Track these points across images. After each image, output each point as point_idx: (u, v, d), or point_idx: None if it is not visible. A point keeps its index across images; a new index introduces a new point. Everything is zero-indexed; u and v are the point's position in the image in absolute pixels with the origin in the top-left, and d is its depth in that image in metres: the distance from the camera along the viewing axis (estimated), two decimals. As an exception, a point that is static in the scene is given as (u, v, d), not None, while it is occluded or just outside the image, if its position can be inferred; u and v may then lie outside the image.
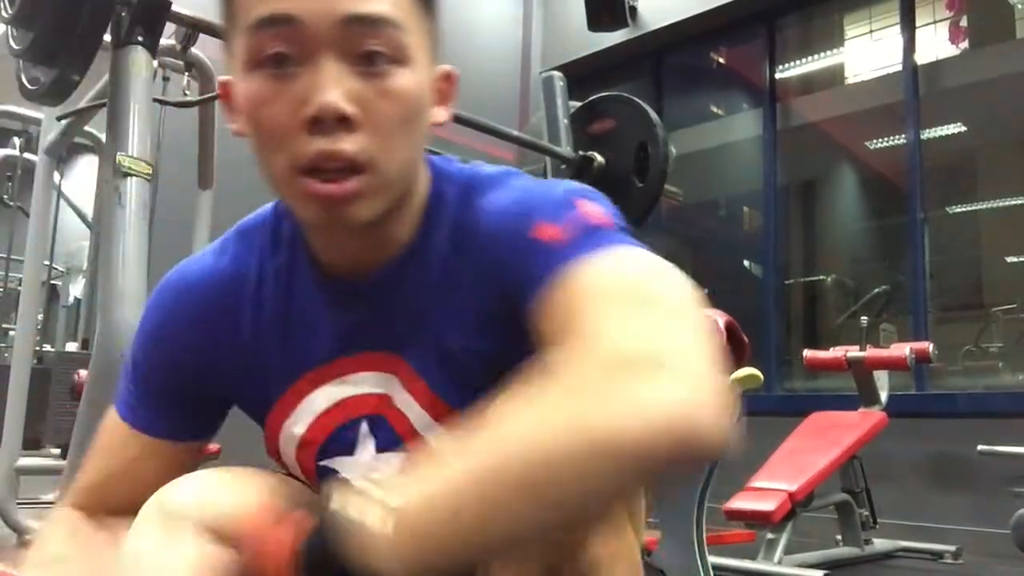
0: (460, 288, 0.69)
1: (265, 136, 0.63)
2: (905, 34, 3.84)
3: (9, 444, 2.35)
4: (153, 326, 0.75)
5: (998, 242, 4.42)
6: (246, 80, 0.62)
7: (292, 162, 0.61)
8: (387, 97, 0.61)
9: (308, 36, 0.60)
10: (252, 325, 0.72)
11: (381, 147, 0.61)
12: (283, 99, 0.61)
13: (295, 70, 0.60)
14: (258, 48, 0.61)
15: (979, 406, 3.33)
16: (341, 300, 0.71)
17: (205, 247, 0.79)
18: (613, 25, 3.87)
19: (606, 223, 0.63)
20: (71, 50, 1.44)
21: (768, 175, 4.20)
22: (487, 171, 0.73)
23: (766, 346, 3.97)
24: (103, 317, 1.38)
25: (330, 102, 0.59)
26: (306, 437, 0.73)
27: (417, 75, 0.64)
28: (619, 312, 0.54)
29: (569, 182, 0.70)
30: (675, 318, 0.54)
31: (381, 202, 0.63)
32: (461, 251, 0.69)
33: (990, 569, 2.74)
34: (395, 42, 0.61)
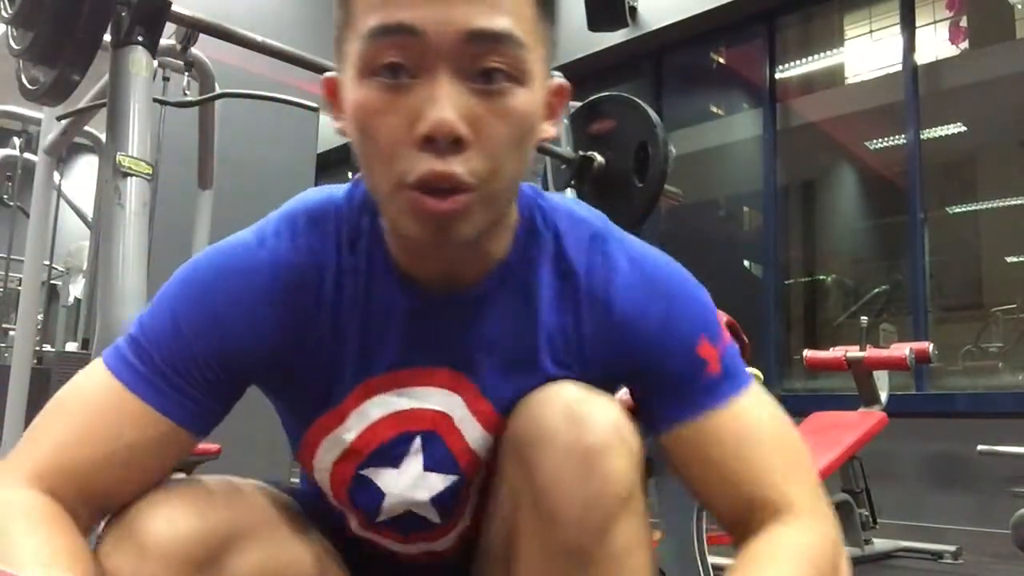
0: (559, 321, 0.70)
1: (373, 147, 0.61)
2: (905, 34, 3.84)
3: (9, 444, 2.35)
4: (207, 308, 0.67)
5: (998, 242, 4.41)
6: (358, 87, 0.60)
7: (400, 177, 0.59)
8: (501, 117, 0.60)
9: (427, 49, 0.58)
10: (332, 321, 0.69)
11: (490, 167, 0.60)
12: (396, 111, 0.59)
13: (410, 82, 0.59)
14: (374, 56, 0.59)
15: (979, 406, 3.33)
16: (424, 311, 0.69)
17: (254, 225, 0.72)
18: (613, 25, 3.87)
19: (737, 354, 0.74)
20: (71, 50, 1.44)
21: (768, 175, 4.20)
22: (585, 215, 0.75)
23: (766, 346, 3.97)
24: (103, 317, 1.38)
25: (445, 120, 0.57)
26: (355, 445, 0.71)
27: (532, 93, 0.62)
28: (789, 474, 0.70)
29: (703, 289, 0.75)
30: (811, 471, 0.73)
31: (484, 221, 0.62)
32: (572, 295, 0.71)
33: (990, 569, 2.74)
34: (515, 60, 0.59)
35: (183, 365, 0.66)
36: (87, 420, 0.65)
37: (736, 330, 2.40)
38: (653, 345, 0.70)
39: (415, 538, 0.79)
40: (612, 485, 0.64)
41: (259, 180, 3.41)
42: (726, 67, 4.87)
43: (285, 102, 2.26)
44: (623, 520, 0.65)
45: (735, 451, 0.69)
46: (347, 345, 0.70)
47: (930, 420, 3.35)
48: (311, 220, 0.70)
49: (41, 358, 3.49)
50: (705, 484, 0.71)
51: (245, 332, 0.67)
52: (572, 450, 0.64)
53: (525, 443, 0.66)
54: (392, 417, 0.71)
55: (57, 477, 0.64)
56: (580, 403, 0.66)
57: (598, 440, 0.64)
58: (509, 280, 0.70)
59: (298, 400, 0.73)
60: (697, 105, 4.93)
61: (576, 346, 0.71)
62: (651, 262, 0.73)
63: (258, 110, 3.03)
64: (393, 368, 0.70)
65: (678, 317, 0.71)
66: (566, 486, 0.63)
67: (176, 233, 2.69)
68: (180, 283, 0.69)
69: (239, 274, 0.68)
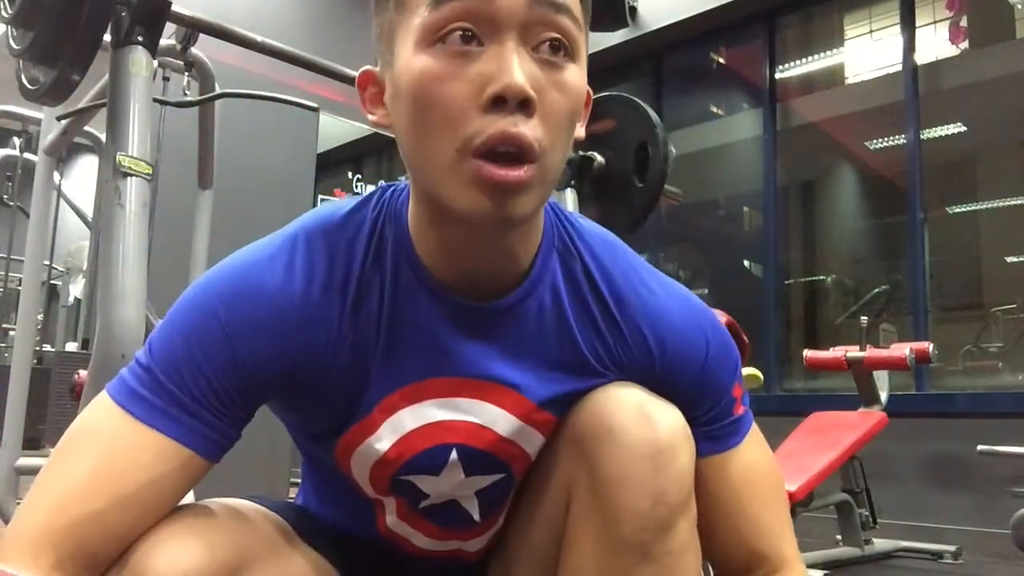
0: (595, 336, 0.72)
1: (436, 114, 0.60)
2: (905, 34, 3.84)
3: (9, 444, 2.35)
4: (219, 331, 0.64)
5: (998, 242, 4.41)
6: (419, 57, 0.60)
7: (465, 142, 0.59)
8: (560, 89, 0.61)
9: (495, 13, 0.59)
10: (353, 335, 0.67)
11: (551, 139, 0.61)
12: (463, 77, 0.59)
13: (478, 50, 0.59)
14: (441, 23, 0.59)
15: (979, 406, 3.33)
16: (455, 320, 0.69)
17: (262, 242, 0.70)
18: (613, 25, 3.86)
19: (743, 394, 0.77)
20: (71, 50, 1.44)
21: (768, 175, 4.20)
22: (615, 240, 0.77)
23: (766, 346, 3.97)
24: (103, 317, 1.38)
25: (517, 82, 0.58)
26: (389, 455, 0.70)
27: (583, 73, 0.64)
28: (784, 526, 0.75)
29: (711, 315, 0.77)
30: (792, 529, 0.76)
31: (540, 197, 0.63)
32: (608, 317, 0.72)
33: (990, 569, 2.74)
34: (572, 35, 0.61)
35: (197, 390, 0.63)
36: (98, 465, 0.61)
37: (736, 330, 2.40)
38: (694, 384, 0.73)
39: (451, 535, 0.79)
40: (678, 483, 0.66)
41: (259, 180, 3.41)
42: (726, 67, 4.87)
43: (285, 102, 2.26)
44: (684, 518, 0.67)
45: (743, 496, 0.73)
46: (373, 357, 0.68)
47: (930, 420, 3.35)
48: (328, 240, 0.68)
49: (41, 358, 3.50)
50: (710, 525, 0.73)
51: (259, 355, 0.65)
52: (643, 446, 0.65)
53: (590, 438, 0.67)
54: (426, 428, 0.70)
55: (66, 540, 0.59)
56: (647, 401, 0.68)
57: (668, 437, 0.66)
58: (540, 290, 0.71)
59: (321, 414, 0.71)
60: (697, 105, 4.93)
61: (613, 361, 0.72)
62: (684, 296, 0.76)
63: (258, 110, 3.03)
64: (425, 378, 0.69)
65: (717, 359, 0.74)
66: (635, 480, 0.65)
67: (176, 233, 2.69)
68: (190, 306, 0.67)
69: (252, 296, 0.65)
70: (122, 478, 0.61)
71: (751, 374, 2.40)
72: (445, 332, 0.69)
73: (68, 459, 0.63)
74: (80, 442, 0.64)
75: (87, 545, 0.60)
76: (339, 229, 0.69)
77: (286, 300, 0.66)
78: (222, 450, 0.66)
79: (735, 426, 0.74)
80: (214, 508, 0.67)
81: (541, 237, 0.71)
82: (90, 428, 0.64)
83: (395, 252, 0.69)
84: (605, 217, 2.57)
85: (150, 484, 0.62)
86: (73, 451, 0.63)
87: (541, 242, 0.71)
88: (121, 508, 0.60)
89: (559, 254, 0.72)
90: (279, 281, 0.66)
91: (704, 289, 4.51)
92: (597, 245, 0.74)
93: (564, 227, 0.74)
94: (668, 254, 4.74)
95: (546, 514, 0.72)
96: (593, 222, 0.78)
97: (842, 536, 2.72)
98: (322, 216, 0.70)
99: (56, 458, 0.63)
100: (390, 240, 0.69)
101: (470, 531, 0.78)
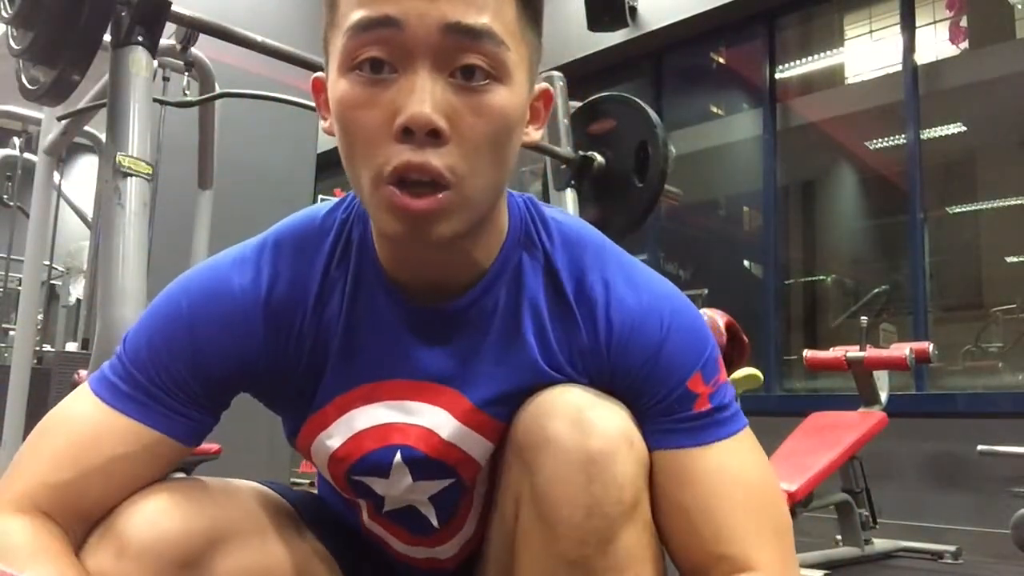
0: (550, 334, 0.70)
1: (353, 141, 0.61)
2: (905, 34, 3.84)
3: (9, 444, 2.35)
4: (182, 329, 0.68)
5: (998, 242, 4.41)
6: (340, 81, 0.61)
7: (378, 170, 0.60)
8: (480, 114, 0.60)
9: (407, 42, 0.58)
10: (313, 335, 0.70)
11: (468, 164, 0.60)
12: (375, 105, 0.59)
13: (391, 77, 0.59)
14: (356, 50, 0.60)
15: (979, 406, 3.33)
16: (410, 322, 0.69)
17: (237, 247, 0.73)
18: (613, 25, 3.87)
19: (730, 396, 0.71)
20: (71, 50, 1.44)
21: (768, 175, 4.20)
22: (587, 233, 0.74)
23: (766, 346, 3.97)
24: (103, 317, 1.38)
25: (422, 113, 0.57)
26: (338, 453, 0.72)
27: (513, 94, 0.62)
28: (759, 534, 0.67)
29: (704, 323, 0.73)
30: (787, 538, 0.69)
31: (463, 221, 0.62)
32: (564, 312, 0.70)
33: (990, 569, 2.74)
34: (494, 57, 0.60)
35: (161, 381, 0.67)
36: (72, 440, 0.66)
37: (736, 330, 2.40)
38: (644, 371, 0.68)
39: (418, 541, 0.79)
40: (616, 492, 0.63)
41: (259, 180, 3.42)
42: (726, 67, 4.87)
43: (285, 102, 2.26)
44: (628, 529, 0.63)
45: (701, 497, 0.66)
46: (329, 354, 0.70)
47: (930, 420, 3.35)
48: (296, 244, 0.71)
49: (41, 358, 3.49)
50: (668, 524, 0.68)
51: (221, 353, 0.68)
52: (575, 455, 0.63)
53: (528, 447, 0.65)
54: (375, 429, 0.70)
55: (47, 498, 0.64)
56: (586, 407, 0.65)
57: (603, 445, 0.63)
58: (496, 291, 0.70)
59: (285, 405, 0.74)
60: (697, 105, 4.92)
61: (567, 359, 0.70)
62: (654, 289, 0.72)
63: (258, 110, 3.03)
64: (379, 379, 0.70)
65: (674, 346, 0.69)
66: (567, 491, 0.62)
67: (176, 233, 2.70)
68: (161, 304, 0.71)
69: (216, 299, 0.69)
70: (93, 452, 0.66)
71: (751, 374, 2.40)
72: (401, 334, 0.69)
73: (44, 439, 0.68)
74: (55, 425, 0.69)
75: (67, 501, 0.65)
76: (309, 233, 0.72)
77: (249, 301, 0.69)
78: (195, 433, 0.70)
79: (700, 423, 0.68)
80: (206, 484, 0.70)
81: (506, 235, 0.71)
82: (65, 413, 0.69)
83: (359, 254, 0.71)
84: (605, 217, 2.57)
85: (119, 459, 0.66)
86: (48, 433, 0.68)
87: (505, 240, 0.71)
88: (96, 478, 0.65)
89: (524, 249, 0.72)
90: (245, 283, 0.69)
91: (704, 289, 4.50)
92: (566, 240, 0.73)
93: (534, 223, 0.73)
94: (668, 254, 4.74)
95: (504, 525, 0.71)
96: (570, 216, 0.77)
97: (842, 536, 2.72)
98: (295, 221, 0.73)
99: (33, 438, 0.68)
100: (355, 242, 0.71)
101: (433, 538, 0.78)
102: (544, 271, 0.71)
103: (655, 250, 4.60)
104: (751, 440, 0.71)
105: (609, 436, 0.64)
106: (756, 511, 0.67)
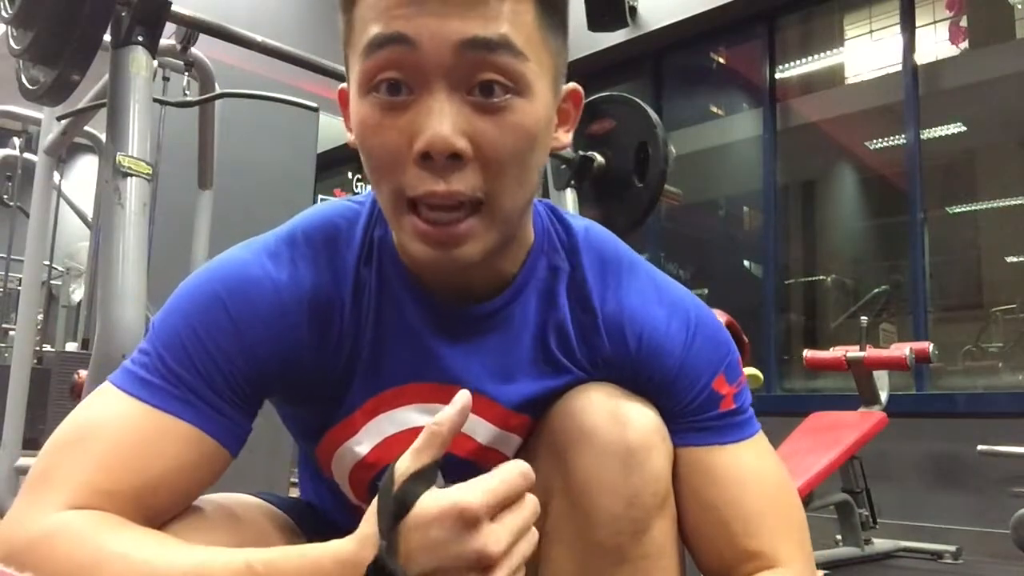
0: (576, 338, 0.71)
1: (374, 163, 0.61)
2: (905, 34, 3.84)
3: (9, 444, 2.35)
4: (225, 316, 0.63)
5: (998, 242, 4.41)
6: (359, 103, 0.60)
7: (399, 194, 0.59)
8: (502, 131, 0.58)
9: (422, 62, 0.57)
10: (349, 334, 0.68)
11: (493, 183, 0.59)
12: (394, 128, 0.58)
13: (407, 99, 0.58)
14: (372, 72, 0.59)
15: (979, 406, 3.33)
16: (438, 326, 0.69)
17: (260, 239, 0.70)
18: (613, 25, 3.87)
19: (749, 397, 0.73)
20: (71, 50, 1.44)
21: (768, 175, 4.20)
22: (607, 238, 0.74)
23: (766, 346, 3.97)
24: (103, 317, 1.38)
25: (441, 136, 0.56)
26: (367, 459, 0.70)
27: (536, 105, 0.60)
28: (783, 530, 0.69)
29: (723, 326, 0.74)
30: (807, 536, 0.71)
31: (492, 240, 0.61)
32: (590, 317, 0.71)
33: (990, 569, 2.74)
34: (513, 71, 0.58)
35: (212, 379, 0.62)
36: (120, 446, 0.58)
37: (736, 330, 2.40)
38: (670, 377, 0.70)
39: None
40: (652, 484, 0.64)
41: (259, 180, 3.41)
42: (726, 67, 4.87)
43: (285, 102, 2.26)
44: (660, 520, 0.65)
45: (731, 494, 0.68)
46: (360, 358, 0.69)
47: (930, 420, 3.35)
48: (326, 241, 0.69)
49: (41, 358, 3.49)
50: (696, 521, 0.69)
51: (269, 339, 0.64)
52: (614, 447, 0.64)
53: (564, 441, 0.66)
54: (405, 434, 0.69)
55: (103, 500, 0.56)
56: (620, 402, 0.67)
57: (640, 439, 0.65)
58: (522, 298, 0.70)
59: (311, 409, 0.72)
60: (697, 105, 4.92)
61: (591, 363, 0.71)
62: (675, 292, 0.74)
63: (258, 110, 3.03)
64: (407, 383, 0.69)
65: (699, 349, 0.71)
66: (607, 483, 0.64)
67: (176, 233, 2.70)
68: (192, 294, 0.65)
69: (256, 287, 0.65)
70: (150, 459, 0.58)
71: (751, 374, 2.40)
72: (428, 337, 0.69)
73: (81, 446, 0.59)
74: (92, 429, 0.60)
75: (128, 506, 0.57)
76: (337, 229, 0.70)
77: (291, 295, 0.66)
78: (240, 443, 0.65)
79: (725, 422, 0.70)
80: (215, 505, 0.67)
81: (532, 242, 0.71)
82: (96, 416, 0.61)
83: (381, 255, 0.69)
84: (605, 217, 2.57)
85: (177, 471, 0.59)
86: (85, 438, 0.59)
87: (531, 247, 0.71)
88: (154, 488, 0.58)
89: (548, 258, 0.72)
90: (283, 277, 0.66)
91: (704, 289, 4.50)
92: (587, 246, 0.73)
93: (557, 229, 0.74)
94: (668, 254, 4.73)
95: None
96: (591, 221, 0.78)
97: (842, 536, 2.72)
98: (319, 215, 0.71)
99: (63, 446, 0.59)
100: (377, 243, 0.70)
101: None
102: (568, 277, 0.72)
103: (655, 250, 4.60)
104: (767, 441, 0.73)
105: (646, 429, 0.66)
106: (782, 508, 0.69)
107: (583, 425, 0.65)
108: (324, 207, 0.72)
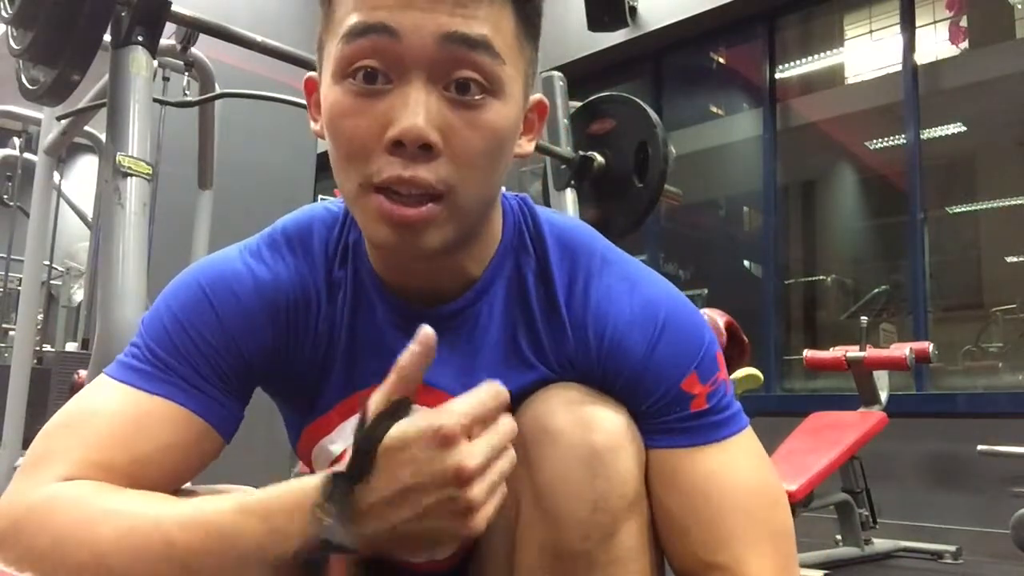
0: (543, 336, 0.70)
1: (343, 148, 0.61)
2: (905, 34, 3.84)
3: (9, 444, 2.36)
4: (209, 308, 0.67)
5: (998, 242, 4.41)
6: (333, 88, 0.61)
7: (367, 179, 0.60)
8: (474, 128, 0.60)
9: (402, 53, 0.58)
10: (324, 334, 0.70)
11: (460, 177, 0.60)
12: (368, 115, 0.59)
13: (384, 87, 0.59)
14: (350, 58, 0.59)
15: (979, 406, 3.33)
16: (407, 327, 0.67)
17: (242, 242, 0.73)
18: (613, 25, 3.87)
19: (730, 395, 0.70)
20: (71, 50, 1.44)
21: (768, 175, 4.20)
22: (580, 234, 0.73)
23: (766, 346, 3.97)
24: (103, 317, 1.38)
25: (415, 126, 0.57)
26: (341, 458, 0.71)
27: (508, 107, 0.62)
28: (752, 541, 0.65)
29: (702, 322, 0.71)
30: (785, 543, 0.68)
31: (453, 232, 0.62)
32: (555, 314, 0.70)
33: (990, 569, 2.74)
34: (490, 72, 0.59)
35: (195, 363, 0.65)
36: (113, 426, 0.61)
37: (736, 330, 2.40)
38: (635, 375, 0.68)
39: None
40: (620, 487, 0.63)
41: (259, 180, 3.42)
42: (726, 67, 4.87)
43: (285, 102, 2.26)
44: (629, 524, 0.64)
45: (694, 501, 0.66)
46: (335, 358, 0.70)
47: (930, 420, 3.35)
48: (303, 242, 0.71)
49: (41, 358, 3.49)
50: (659, 526, 0.67)
51: (249, 329, 0.67)
52: (579, 450, 0.63)
53: (529, 442, 0.65)
54: None
55: (97, 472, 0.59)
56: (586, 404, 0.66)
57: (606, 441, 0.63)
58: (488, 297, 0.70)
59: (292, 405, 0.74)
60: (697, 105, 4.93)
61: (559, 363, 0.70)
62: (648, 289, 0.71)
63: (258, 110, 3.03)
64: (377, 384, 0.70)
65: (667, 346, 0.68)
66: (572, 486, 0.62)
67: (176, 233, 2.70)
68: (177, 291, 0.69)
69: (237, 283, 0.68)
70: (143, 439, 0.61)
71: (751, 374, 2.40)
72: (396, 339, 0.69)
73: (71, 427, 0.62)
74: (86, 413, 0.63)
75: (123, 480, 0.60)
76: (313, 232, 0.72)
77: (269, 290, 0.68)
78: (231, 427, 0.67)
79: (696, 423, 0.67)
80: (214, 492, 0.68)
81: (500, 240, 0.71)
82: (89, 403, 0.64)
83: (355, 258, 0.71)
84: (605, 217, 2.57)
85: (168, 449, 0.62)
86: (79, 420, 0.62)
87: (498, 247, 0.71)
88: (146, 467, 0.61)
89: (517, 255, 0.72)
90: (262, 274, 0.69)
91: (704, 289, 4.50)
92: (559, 243, 0.72)
93: (528, 226, 0.73)
94: (668, 254, 4.74)
95: (501, 521, 0.69)
96: (565, 217, 0.77)
97: (842, 536, 2.72)
98: (298, 218, 0.73)
99: (59, 428, 0.62)
100: (352, 246, 0.71)
101: None
102: (537, 276, 0.71)
103: (655, 250, 4.60)
104: (751, 441, 0.70)
105: (612, 431, 0.64)
106: (751, 515, 0.66)
107: (548, 427, 0.64)
108: (304, 210, 0.75)
